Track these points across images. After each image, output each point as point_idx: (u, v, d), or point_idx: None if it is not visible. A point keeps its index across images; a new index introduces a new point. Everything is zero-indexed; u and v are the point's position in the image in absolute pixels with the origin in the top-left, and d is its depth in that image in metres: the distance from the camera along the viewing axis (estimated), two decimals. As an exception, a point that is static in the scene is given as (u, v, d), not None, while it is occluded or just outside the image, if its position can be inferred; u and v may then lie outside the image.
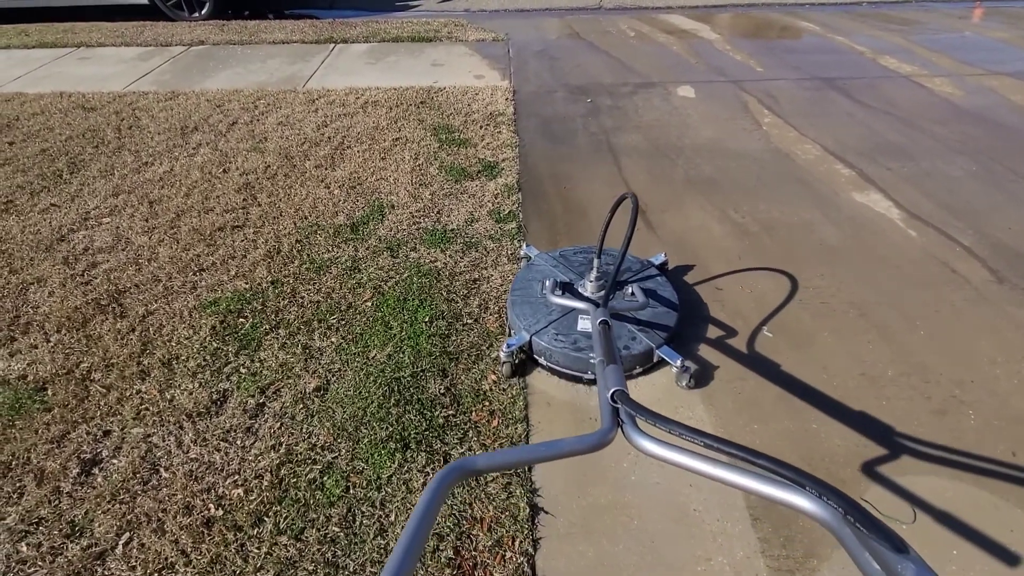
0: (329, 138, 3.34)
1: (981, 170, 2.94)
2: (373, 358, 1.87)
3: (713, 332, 2.00)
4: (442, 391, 1.75)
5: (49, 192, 2.85)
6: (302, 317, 2.04)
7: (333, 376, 1.81)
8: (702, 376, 1.83)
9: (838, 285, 2.20)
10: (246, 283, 2.21)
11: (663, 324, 1.86)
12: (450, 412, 1.69)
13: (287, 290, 2.17)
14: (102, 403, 1.72)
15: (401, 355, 1.88)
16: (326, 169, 3.02)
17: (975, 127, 3.37)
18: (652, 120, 3.57)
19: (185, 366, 1.85)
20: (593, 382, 1.76)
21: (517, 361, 1.81)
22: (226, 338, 1.96)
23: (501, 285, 2.20)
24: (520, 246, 2.36)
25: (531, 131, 3.45)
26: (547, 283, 1.91)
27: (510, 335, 1.93)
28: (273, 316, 2.05)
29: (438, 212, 2.65)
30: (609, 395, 0.95)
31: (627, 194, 1.58)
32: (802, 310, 2.08)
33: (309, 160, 3.10)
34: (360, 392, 1.74)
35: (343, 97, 3.88)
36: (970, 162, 3.01)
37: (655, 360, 1.81)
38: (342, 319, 2.03)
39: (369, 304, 2.10)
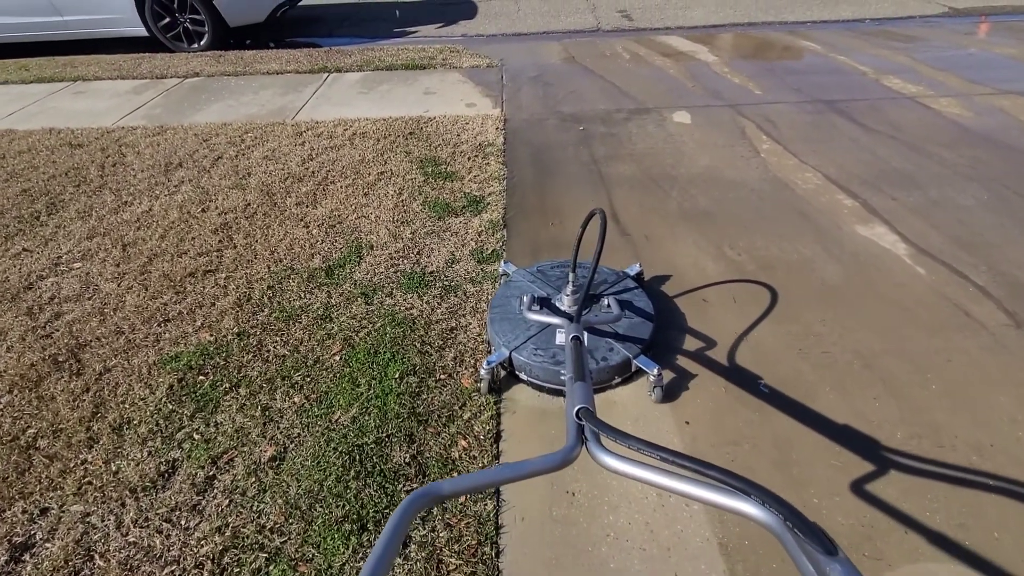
0: (313, 173, 3.26)
1: (993, 199, 2.78)
2: (336, 421, 1.74)
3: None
4: (407, 460, 1.62)
5: (24, 235, 2.79)
6: (265, 374, 1.92)
7: (292, 443, 1.68)
8: (678, 385, 1.86)
9: (840, 331, 2.04)
10: (211, 335, 2.10)
11: (638, 336, 1.90)
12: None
13: (253, 343, 2.06)
14: (44, 476, 1.61)
15: (366, 417, 1.75)
16: (307, 206, 2.93)
17: (986, 151, 3.21)
18: (646, 148, 3.45)
19: (136, 432, 1.73)
20: None
21: (498, 377, 1.85)
22: (183, 399, 1.84)
23: (479, 335, 2.07)
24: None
25: (520, 162, 3.35)
26: (524, 299, 1.97)
27: (490, 352, 1.96)
28: (235, 373, 1.93)
29: (418, 252, 2.54)
30: (575, 412, 0.97)
31: (596, 210, 1.60)
32: (802, 360, 1.93)
33: (291, 197, 3.02)
34: (319, 462, 1.61)
35: (331, 129, 3.82)
36: (981, 190, 2.85)
37: (633, 369, 1.85)
38: (308, 376, 1.91)
39: (338, 358, 1.98)
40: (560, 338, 1.85)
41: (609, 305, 1.97)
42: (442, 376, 1.90)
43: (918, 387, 1.81)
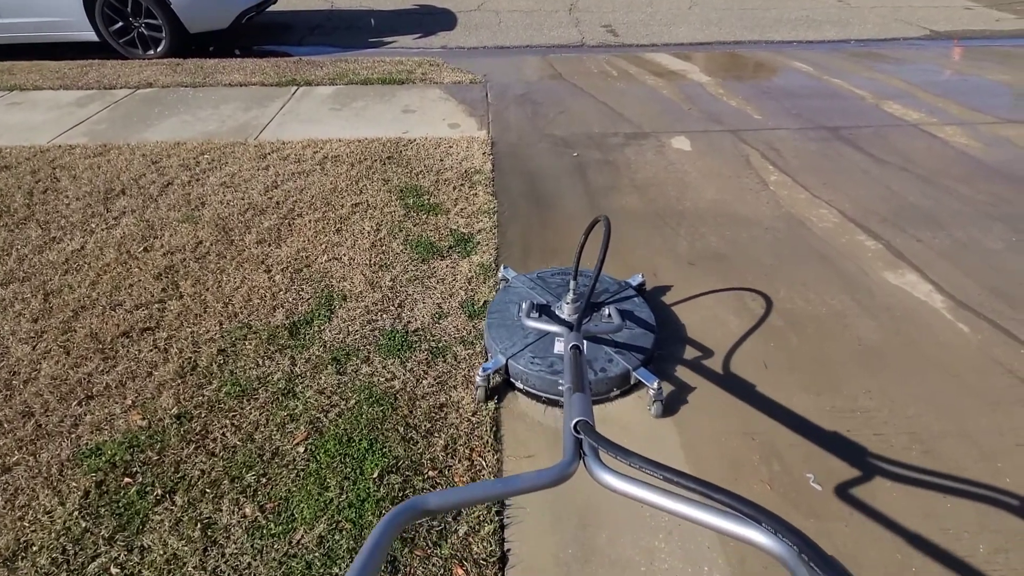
0: (278, 203, 2.88)
1: (1023, 241, 2.59)
2: (298, 543, 1.38)
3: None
4: (390, 600, 1.27)
5: (-77, 280, 2.34)
6: (210, 474, 1.55)
7: (239, 578, 1.32)
8: (676, 399, 1.79)
9: (890, 406, 1.78)
10: (144, 418, 1.71)
11: (640, 345, 1.85)
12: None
13: (196, 428, 1.68)
14: (-102, 639, 1.21)
15: (337, 536, 1.39)
16: (269, 245, 2.55)
17: (1004, 186, 3.05)
18: (647, 178, 3.18)
19: (34, 563, 1.34)
20: None
21: (493, 384, 1.79)
22: (101, 512, 1.45)
23: (474, 414, 1.74)
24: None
25: (511, 193, 3.04)
26: (523, 306, 1.91)
27: (487, 358, 1.91)
28: (171, 473, 1.55)
29: (399, 304, 2.20)
30: (572, 425, 0.91)
31: (600, 217, 1.56)
32: (853, 446, 1.65)
33: (251, 233, 2.63)
34: (274, 608, 1.26)
35: (299, 151, 3.44)
36: (1008, 231, 2.66)
37: (632, 382, 1.80)
38: (263, 475, 1.55)
39: (302, 449, 1.62)
40: (559, 347, 1.81)
41: (610, 315, 1.91)
42: (431, 473, 1.56)
43: (990, 477, 1.56)
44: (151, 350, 1.97)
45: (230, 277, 2.34)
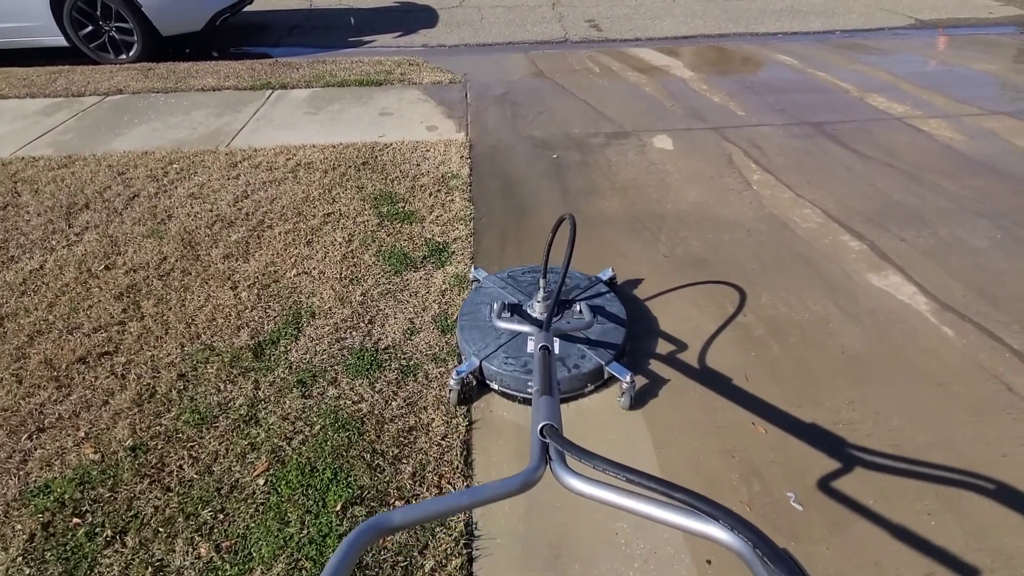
0: (247, 215, 2.79)
1: (1008, 238, 2.54)
2: (254, 586, 1.31)
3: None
4: (349, 645, 1.20)
5: None
6: (164, 511, 1.48)
7: (190, 626, 1.25)
8: (649, 391, 1.83)
9: (874, 418, 1.73)
10: (96, 451, 1.63)
11: (612, 341, 1.86)
12: None
13: (152, 461, 1.61)
14: None
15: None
16: (236, 260, 2.47)
17: (988, 181, 3.00)
18: (627, 180, 3.11)
19: (-28, 617, 1.27)
20: None
21: (468, 387, 1.79)
22: (47, 556, 1.38)
23: (444, 437, 1.67)
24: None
25: (489, 198, 2.96)
26: (494, 306, 1.89)
27: (459, 361, 1.91)
28: (123, 511, 1.48)
29: (370, 321, 2.12)
30: (539, 429, 0.90)
31: (565, 216, 1.60)
32: (835, 462, 1.60)
33: (217, 247, 2.54)
34: (225, 659, 1.19)
35: (271, 158, 3.35)
36: (993, 227, 2.62)
37: (606, 376, 1.81)
38: (221, 511, 1.47)
39: (262, 481, 1.55)
40: (532, 346, 1.80)
41: (581, 311, 1.93)
42: (397, 503, 1.50)
43: (977, 494, 1.51)
44: (108, 376, 1.89)
45: (194, 295, 2.25)
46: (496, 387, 1.81)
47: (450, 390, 1.75)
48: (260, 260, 2.46)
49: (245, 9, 6.58)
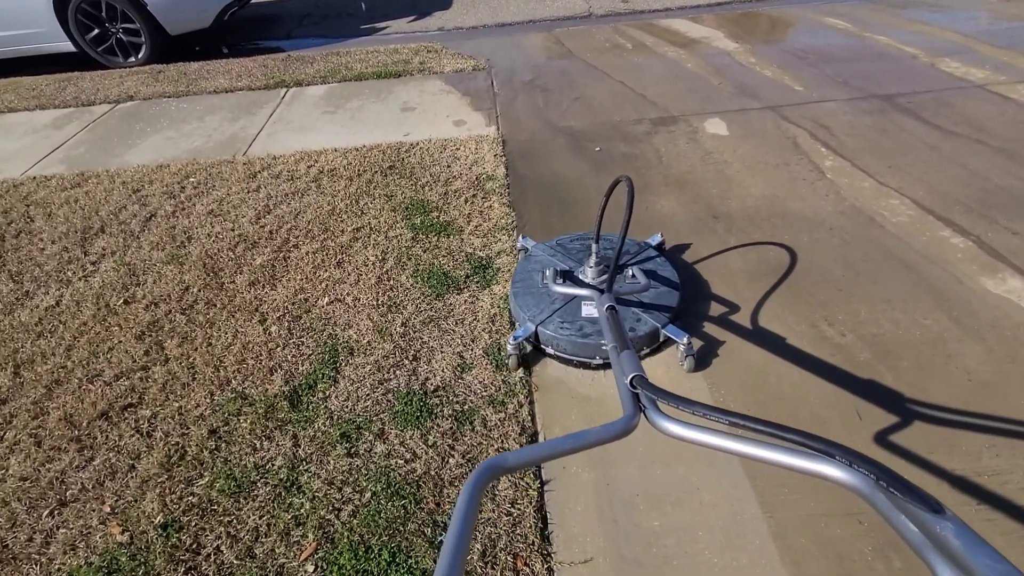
0: (271, 233, 2.58)
1: None
2: None
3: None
4: None
5: None
6: (203, 608, 1.29)
7: None
8: (707, 352, 1.81)
9: (1024, 466, 1.45)
10: (124, 530, 1.45)
11: (666, 304, 1.87)
12: None
13: (186, 542, 1.42)
14: None
15: None
16: (263, 287, 2.25)
17: (1102, 156, 2.62)
18: (681, 173, 2.81)
19: None
20: (601, 367, 1.79)
21: (523, 353, 1.80)
22: (75, 671, 1.20)
23: (514, 504, 1.44)
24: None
25: (530, 202, 2.69)
26: (547, 272, 1.94)
27: (515, 327, 1.94)
28: (157, 609, 1.29)
29: (414, 357, 1.89)
30: (628, 381, 0.95)
31: (622, 177, 1.59)
32: (1008, 548, 1.33)
33: (241, 273, 2.34)
34: None
35: (292, 166, 3.12)
36: (1120, 214, 2.26)
37: (662, 339, 1.83)
38: (266, 607, 1.28)
39: (311, 568, 1.35)
40: (586, 310, 1.84)
41: (635, 275, 1.93)
42: (468, 592, 1.28)
43: None
44: (132, 435, 1.70)
45: (220, 332, 2.05)
46: (551, 351, 1.83)
47: (507, 356, 1.78)
48: (288, 287, 2.24)
49: (253, 0, 6.32)
